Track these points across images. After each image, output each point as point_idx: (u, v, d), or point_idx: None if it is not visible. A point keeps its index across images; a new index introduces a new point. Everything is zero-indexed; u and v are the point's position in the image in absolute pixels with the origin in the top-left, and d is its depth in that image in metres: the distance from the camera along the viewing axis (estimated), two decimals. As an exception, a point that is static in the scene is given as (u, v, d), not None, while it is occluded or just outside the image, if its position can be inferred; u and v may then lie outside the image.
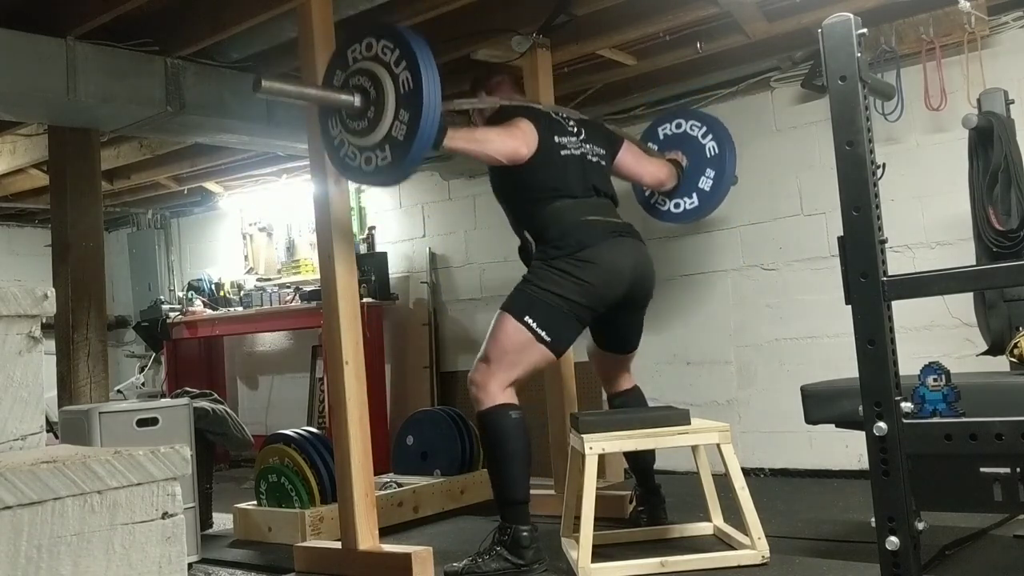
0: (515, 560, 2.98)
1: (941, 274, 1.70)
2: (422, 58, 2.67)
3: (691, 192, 3.90)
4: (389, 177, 2.86)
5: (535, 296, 3.13)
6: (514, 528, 3.01)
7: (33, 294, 1.43)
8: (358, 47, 2.83)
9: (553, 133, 3.30)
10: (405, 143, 2.70)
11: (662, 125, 4.06)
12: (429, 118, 2.66)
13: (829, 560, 2.90)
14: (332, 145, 2.95)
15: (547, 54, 4.03)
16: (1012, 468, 1.53)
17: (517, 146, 3.17)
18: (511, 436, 3.06)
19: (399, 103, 2.71)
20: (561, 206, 3.22)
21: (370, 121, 2.78)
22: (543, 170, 3.23)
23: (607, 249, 3.19)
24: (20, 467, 1.14)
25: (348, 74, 2.85)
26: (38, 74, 3.51)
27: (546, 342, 3.11)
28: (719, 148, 3.89)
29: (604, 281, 3.16)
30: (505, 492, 3.07)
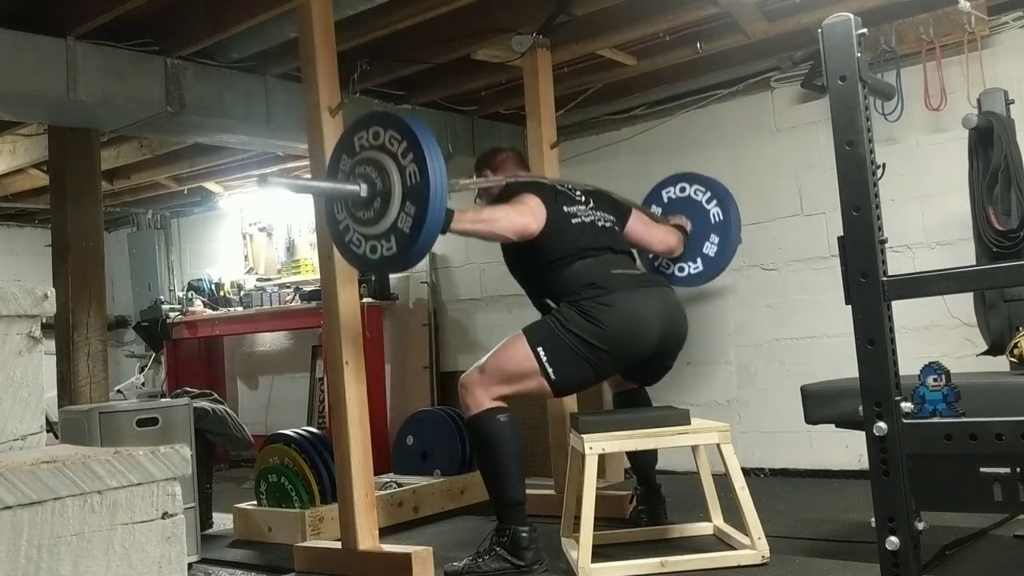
0: (515, 561, 2.98)
1: (941, 274, 1.70)
2: (429, 151, 2.65)
3: (695, 257, 3.83)
4: (393, 267, 2.86)
5: (555, 331, 3.07)
6: (513, 529, 3.01)
7: (33, 294, 1.43)
8: (365, 135, 2.80)
9: (561, 204, 3.26)
10: (411, 235, 2.67)
11: (666, 188, 3.98)
12: (435, 212, 2.65)
13: (829, 560, 2.90)
14: (337, 230, 2.90)
15: (547, 54, 4.03)
16: (1012, 468, 1.53)
17: (527, 222, 3.13)
18: (502, 439, 3.06)
19: (405, 195, 2.68)
20: (581, 265, 3.17)
21: (376, 211, 2.75)
22: (557, 239, 3.18)
23: (635, 299, 3.13)
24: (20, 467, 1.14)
25: (355, 162, 2.83)
26: (38, 74, 3.51)
27: (550, 379, 3.06)
28: (723, 214, 3.82)
29: (629, 331, 3.09)
30: (502, 495, 3.07)
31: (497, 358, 3.13)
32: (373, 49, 3.95)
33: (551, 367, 3.05)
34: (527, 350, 3.07)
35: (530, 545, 3.00)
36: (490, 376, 3.10)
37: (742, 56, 4.39)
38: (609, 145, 5.11)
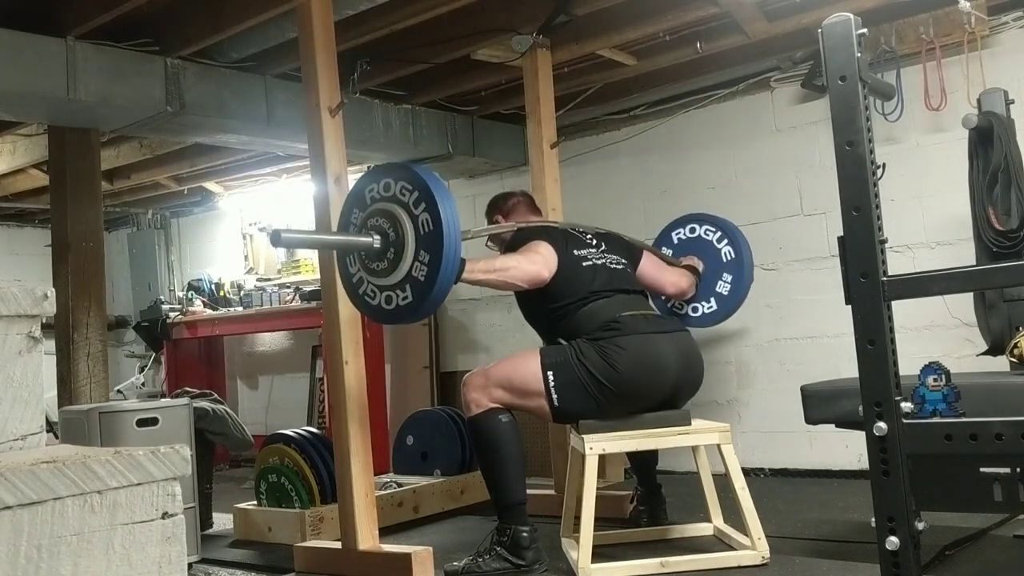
0: (515, 560, 2.98)
1: (941, 274, 1.69)
2: (441, 199, 2.66)
3: (708, 296, 3.80)
4: (410, 316, 2.83)
5: (569, 361, 3.05)
6: (514, 529, 3.01)
7: (33, 294, 1.43)
8: (376, 187, 2.81)
9: (572, 248, 3.25)
10: (426, 283, 2.67)
11: (676, 230, 3.95)
12: (451, 259, 2.65)
13: (829, 560, 2.90)
14: (351, 283, 2.90)
15: (547, 54, 4.03)
16: (1012, 468, 1.53)
17: (538, 270, 3.11)
18: (504, 440, 3.06)
19: (419, 244, 2.69)
20: (593, 307, 3.14)
21: (390, 262, 2.75)
22: (568, 284, 3.17)
23: (651, 344, 3.09)
24: (20, 467, 1.14)
25: (367, 215, 2.82)
26: (38, 74, 3.51)
27: (552, 403, 3.05)
28: (735, 252, 3.80)
29: (644, 378, 3.06)
30: (503, 495, 3.07)
31: (506, 367, 3.13)
32: (373, 49, 3.95)
33: (556, 393, 3.03)
34: (538, 369, 3.06)
35: (531, 545, 3.00)
36: (495, 382, 3.10)
37: (742, 56, 4.38)
38: (609, 145, 5.11)
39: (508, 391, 3.09)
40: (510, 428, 3.08)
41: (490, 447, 3.08)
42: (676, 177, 4.81)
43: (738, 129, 4.69)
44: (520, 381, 3.08)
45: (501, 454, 3.06)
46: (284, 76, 4.22)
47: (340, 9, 3.38)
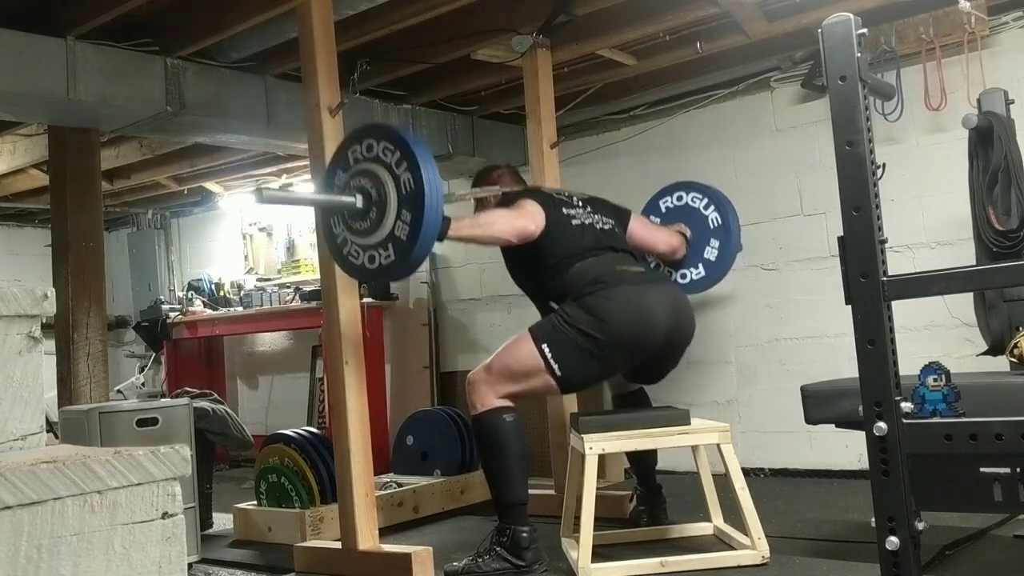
0: (515, 561, 2.98)
1: (941, 274, 1.69)
2: (422, 159, 2.69)
3: (697, 263, 3.84)
4: (392, 275, 2.88)
5: (560, 328, 3.06)
6: (513, 529, 3.01)
7: (33, 294, 1.43)
8: (359, 148, 2.84)
9: (560, 207, 3.26)
10: (409, 242, 2.70)
11: (663, 199, 3.99)
12: (432, 218, 2.68)
13: (829, 560, 2.90)
14: (335, 244, 2.93)
15: (547, 54, 4.03)
16: (1012, 468, 1.53)
17: (525, 224, 3.13)
18: (507, 439, 3.06)
19: (401, 203, 2.72)
20: (583, 265, 3.15)
21: (372, 221, 2.78)
22: (557, 242, 3.17)
23: (640, 293, 3.12)
24: (20, 467, 1.14)
25: (350, 175, 2.85)
26: (38, 74, 3.51)
27: (555, 376, 3.06)
28: (722, 218, 3.84)
29: (634, 325, 3.07)
30: (504, 495, 3.06)
31: (503, 356, 3.13)
32: (373, 49, 3.95)
33: (556, 363, 3.04)
34: (532, 348, 3.06)
35: (530, 545, 3.00)
36: (497, 375, 3.10)
37: (742, 56, 4.38)
38: (609, 145, 5.11)
39: (511, 380, 3.09)
40: (514, 428, 3.07)
41: (493, 446, 3.08)
42: (676, 177, 4.78)
43: (738, 129, 4.69)
44: (520, 366, 3.08)
45: (504, 453, 3.05)
46: (284, 76, 4.22)
47: (340, 9, 3.38)
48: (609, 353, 3.05)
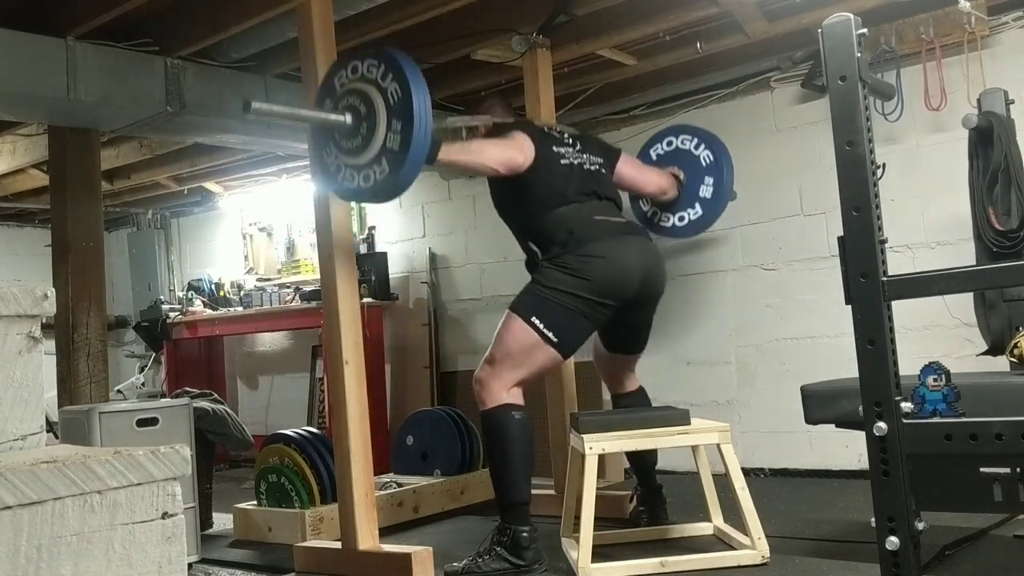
0: (515, 561, 2.98)
1: (941, 274, 1.69)
2: (407, 67, 2.71)
3: (693, 203, 3.87)
4: (388, 190, 2.85)
5: (543, 296, 3.10)
6: (514, 529, 3.00)
7: (33, 294, 1.43)
8: (344, 73, 2.88)
9: (550, 144, 3.29)
10: (401, 151, 2.71)
11: (653, 146, 4.01)
12: (422, 123, 2.68)
13: (829, 560, 2.89)
14: (329, 172, 2.95)
15: (547, 54, 4.03)
16: (1012, 468, 1.53)
17: (513, 155, 3.16)
18: (513, 437, 3.05)
19: (390, 113, 2.74)
20: (565, 211, 3.20)
21: (363, 138, 2.80)
22: (544, 179, 3.21)
23: (615, 246, 3.16)
24: (20, 467, 1.14)
25: (337, 99, 2.89)
26: (38, 74, 3.51)
27: (553, 343, 3.08)
28: (714, 155, 3.87)
29: (613, 277, 3.12)
30: (506, 493, 3.06)
31: (500, 345, 3.13)
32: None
33: (550, 331, 3.06)
34: (522, 324, 3.09)
35: (530, 545, 2.99)
36: (500, 365, 3.10)
37: (742, 56, 4.38)
38: (609, 145, 5.11)
39: (516, 365, 3.09)
40: (521, 426, 3.06)
41: (498, 442, 3.07)
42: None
43: (738, 129, 4.69)
44: (519, 347, 3.09)
45: (508, 451, 3.05)
46: (284, 76, 4.22)
47: (340, 9, 3.38)
48: (594, 306, 3.10)
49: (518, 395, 3.12)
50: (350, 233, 3.33)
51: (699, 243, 4.80)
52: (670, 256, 4.87)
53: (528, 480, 3.08)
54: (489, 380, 3.11)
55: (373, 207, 6.12)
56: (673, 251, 4.88)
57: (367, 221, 6.10)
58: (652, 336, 4.83)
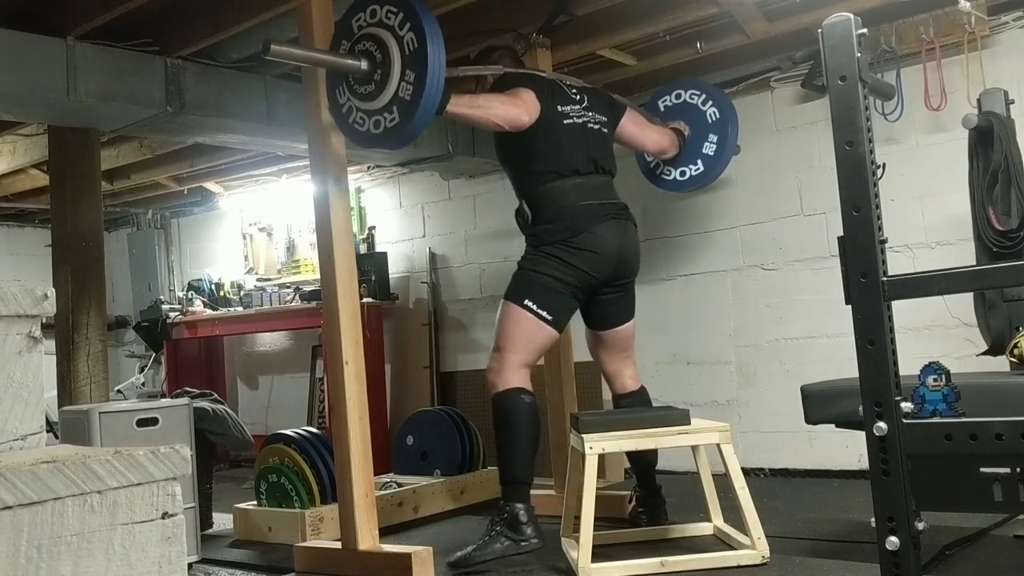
0: (514, 536, 3.06)
1: (941, 274, 1.69)
2: (426, 19, 2.75)
3: (696, 159, 3.96)
4: (397, 138, 2.92)
5: (532, 280, 3.26)
6: (512, 506, 3.09)
7: (33, 294, 1.43)
8: (362, 15, 2.92)
9: (556, 102, 3.36)
10: (412, 102, 2.76)
11: (662, 98, 4.10)
12: (435, 75, 2.73)
13: (829, 560, 2.90)
14: (340, 113, 3.01)
15: (547, 54, 4.03)
16: (1012, 468, 1.53)
17: (519, 113, 3.23)
18: (519, 417, 3.17)
19: (405, 63, 2.78)
20: (560, 187, 3.31)
21: (377, 84, 2.85)
22: (545, 141, 3.31)
23: (598, 233, 3.28)
24: (20, 467, 1.14)
25: (353, 42, 2.93)
26: (38, 74, 3.51)
27: (548, 321, 3.25)
28: (720, 113, 3.95)
29: (593, 263, 3.28)
30: (508, 471, 3.16)
31: (502, 330, 3.28)
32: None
33: (544, 311, 3.23)
34: (518, 309, 3.25)
35: (529, 521, 3.07)
36: (505, 350, 3.25)
37: (742, 56, 4.38)
38: (609, 145, 5.10)
39: (521, 349, 3.23)
40: (528, 409, 3.18)
41: (503, 422, 3.19)
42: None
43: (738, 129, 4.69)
44: (520, 331, 3.24)
45: (512, 431, 3.17)
46: (284, 76, 4.22)
47: (340, 9, 3.38)
48: (576, 288, 3.28)
49: (526, 378, 3.24)
50: (350, 233, 3.32)
51: (699, 243, 4.80)
52: (670, 255, 4.88)
53: (530, 461, 3.18)
54: (500, 366, 3.24)
55: (373, 207, 6.13)
56: (674, 250, 4.88)
57: (367, 221, 6.10)
58: (652, 336, 4.85)
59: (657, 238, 4.93)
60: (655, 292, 4.92)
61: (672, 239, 4.88)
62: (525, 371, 3.25)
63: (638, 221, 4.41)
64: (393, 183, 6.06)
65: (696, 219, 4.81)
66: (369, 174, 6.09)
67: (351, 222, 3.44)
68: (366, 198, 6.16)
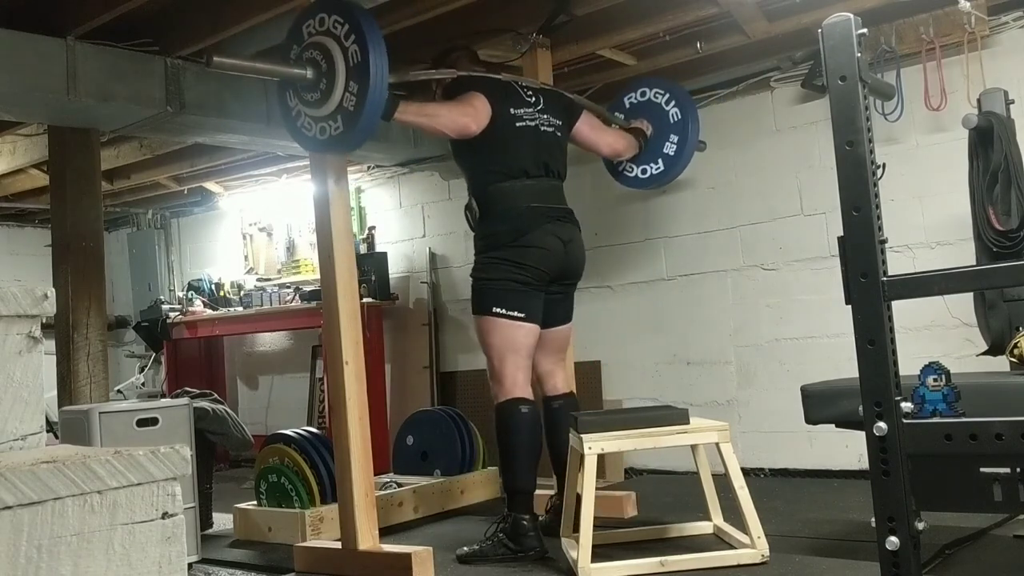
0: (511, 546, 3.13)
1: (941, 274, 1.69)
2: (369, 31, 2.80)
3: (656, 158, 4.04)
4: (342, 146, 3.00)
5: (489, 287, 3.31)
6: (514, 516, 3.16)
7: (33, 294, 1.43)
8: (312, 22, 2.95)
9: (508, 105, 3.39)
10: (355, 113, 2.82)
11: (628, 95, 4.16)
12: (377, 89, 2.79)
13: (829, 559, 2.89)
14: (289, 116, 3.05)
15: (547, 54, 4.03)
16: (1012, 468, 1.53)
17: (467, 123, 3.27)
18: (517, 429, 3.21)
19: (349, 75, 2.83)
20: (508, 188, 3.35)
21: (322, 92, 2.90)
22: (496, 143, 3.34)
23: (543, 234, 3.32)
24: (20, 467, 1.14)
25: (303, 48, 2.96)
26: (38, 74, 3.51)
27: (521, 318, 3.29)
28: (682, 113, 4.01)
29: (543, 259, 3.31)
30: (509, 481, 3.24)
31: (485, 345, 3.34)
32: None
33: (513, 311, 3.28)
34: (491, 319, 3.29)
35: (527, 532, 3.13)
36: (497, 361, 3.29)
37: (742, 56, 4.38)
38: (609, 145, 5.10)
39: (507, 355, 3.27)
40: (526, 418, 3.23)
41: (504, 433, 3.24)
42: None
43: (738, 129, 4.69)
44: (500, 339, 3.29)
45: (512, 442, 3.22)
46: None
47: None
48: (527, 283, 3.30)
49: (525, 387, 3.28)
50: (350, 233, 3.33)
51: (699, 243, 4.80)
52: (670, 255, 4.88)
53: (531, 470, 3.23)
54: (496, 380, 3.30)
55: (373, 207, 6.13)
56: (673, 251, 4.88)
57: (367, 221, 6.10)
58: (652, 336, 4.85)
59: (657, 238, 4.93)
60: (655, 292, 4.92)
61: (672, 239, 4.88)
62: (522, 376, 3.29)
63: (638, 221, 4.44)
64: (393, 183, 6.06)
65: (696, 219, 4.81)
66: (369, 174, 6.09)
67: (351, 222, 3.44)
68: (366, 198, 6.15)
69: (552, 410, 3.55)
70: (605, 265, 5.06)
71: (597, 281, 5.05)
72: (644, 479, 4.64)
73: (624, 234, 5.02)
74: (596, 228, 5.10)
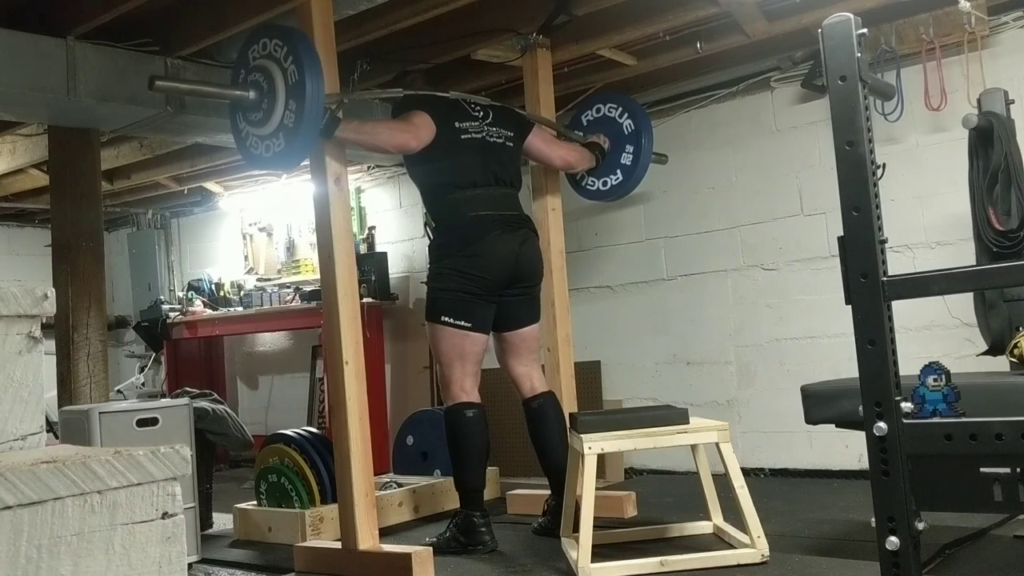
0: (461, 539, 3.31)
1: (941, 274, 1.69)
2: (305, 53, 2.95)
3: (615, 169, 4.12)
4: (285, 163, 3.15)
5: (439, 296, 3.40)
6: (466, 513, 3.35)
7: (33, 294, 1.43)
8: (256, 47, 3.10)
9: (453, 119, 3.43)
10: (295, 130, 2.96)
11: (584, 113, 4.24)
12: (313, 106, 2.92)
13: (829, 559, 2.90)
14: (240, 136, 3.20)
15: (547, 54, 4.03)
16: (1012, 468, 1.53)
17: (406, 140, 3.36)
18: (464, 432, 3.37)
19: (288, 94, 2.98)
20: (458, 199, 3.41)
21: (265, 112, 3.06)
22: (443, 156, 3.41)
23: (492, 241, 3.38)
24: (20, 467, 1.14)
25: (248, 71, 3.11)
26: (38, 74, 3.51)
27: (468, 327, 3.38)
28: (635, 125, 4.09)
29: (487, 267, 3.37)
30: (459, 480, 3.40)
31: (435, 352, 3.49)
32: (373, 49, 3.95)
33: (460, 320, 3.37)
34: (438, 327, 3.40)
35: (477, 528, 3.29)
36: (444, 367, 3.42)
37: (742, 56, 4.39)
38: (609, 145, 5.10)
39: (454, 363, 3.38)
40: (472, 422, 3.36)
41: (452, 438, 3.41)
42: (676, 177, 4.81)
43: (738, 129, 4.69)
44: (447, 347, 3.39)
45: (461, 445, 3.38)
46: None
47: (340, 9, 3.38)
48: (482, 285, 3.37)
49: (472, 391, 3.42)
50: (350, 233, 3.33)
51: (699, 243, 4.80)
52: (670, 255, 4.88)
53: (479, 470, 3.38)
54: (445, 384, 3.45)
55: (373, 207, 6.13)
56: (673, 251, 4.88)
57: (367, 221, 6.10)
58: (652, 336, 4.86)
59: (657, 238, 4.93)
60: (655, 292, 4.92)
61: (672, 239, 4.88)
62: (469, 382, 3.41)
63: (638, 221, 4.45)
64: (393, 183, 6.06)
65: (696, 219, 4.81)
66: (369, 174, 6.09)
67: (351, 222, 3.44)
68: (366, 198, 6.16)
69: (533, 410, 3.56)
70: (605, 265, 5.07)
71: (597, 281, 5.05)
72: (644, 479, 4.64)
73: (624, 234, 5.03)
74: (596, 228, 5.11)
